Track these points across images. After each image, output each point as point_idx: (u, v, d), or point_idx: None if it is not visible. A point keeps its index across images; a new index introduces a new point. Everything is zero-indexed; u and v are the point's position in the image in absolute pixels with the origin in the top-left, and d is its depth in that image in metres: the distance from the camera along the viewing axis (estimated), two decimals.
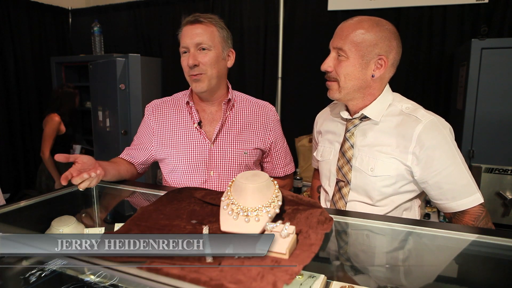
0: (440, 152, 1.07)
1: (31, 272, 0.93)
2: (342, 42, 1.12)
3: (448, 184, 1.08)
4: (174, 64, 3.53)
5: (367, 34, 1.10)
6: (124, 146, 1.54)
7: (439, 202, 1.12)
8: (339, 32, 1.14)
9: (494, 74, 2.05)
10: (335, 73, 1.14)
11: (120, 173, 1.33)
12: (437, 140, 1.07)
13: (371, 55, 1.12)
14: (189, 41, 1.27)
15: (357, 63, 1.12)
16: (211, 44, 1.28)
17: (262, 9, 3.17)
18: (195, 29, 1.28)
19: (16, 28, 3.56)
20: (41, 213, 1.15)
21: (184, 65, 1.30)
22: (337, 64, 1.14)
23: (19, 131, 3.66)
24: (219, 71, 1.33)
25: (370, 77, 1.14)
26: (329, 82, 1.18)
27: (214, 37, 1.29)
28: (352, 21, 1.14)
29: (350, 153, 1.19)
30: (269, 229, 0.76)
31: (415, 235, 0.93)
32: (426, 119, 1.10)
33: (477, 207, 1.08)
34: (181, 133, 1.38)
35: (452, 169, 1.07)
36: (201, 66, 1.28)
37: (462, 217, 1.09)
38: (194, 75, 1.28)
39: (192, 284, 0.61)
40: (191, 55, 1.27)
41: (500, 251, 0.86)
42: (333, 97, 1.19)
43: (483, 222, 1.08)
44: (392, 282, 0.86)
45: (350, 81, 1.13)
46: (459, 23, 2.59)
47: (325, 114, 1.39)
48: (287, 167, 1.55)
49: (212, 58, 1.29)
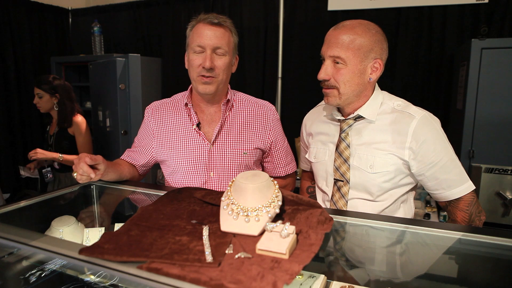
0: (434, 145, 1.13)
1: (31, 272, 0.93)
2: (339, 50, 1.12)
3: (443, 174, 1.14)
4: (174, 64, 3.54)
5: (363, 40, 1.12)
6: (124, 146, 1.55)
7: (435, 192, 1.18)
8: (334, 40, 1.13)
9: (494, 74, 2.06)
10: (334, 80, 1.15)
11: (122, 175, 1.33)
12: (431, 134, 1.13)
13: (368, 60, 1.14)
14: (207, 42, 1.25)
15: (356, 69, 1.13)
16: (227, 49, 1.28)
17: (262, 9, 3.17)
18: (215, 31, 1.26)
19: (16, 28, 3.56)
20: (41, 213, 1.15)
21: (195, 64, 1.27)
22: (335, 72, 1.14)
23: (19, 131, 3.65)
24: (228, 76, 1.34)
25: (368, 80, 1.17)
26: (327, 90, 1.18)
27: (230, 43, 1.30)
28: (343, 28, 1.14)
29: (347, 152, 1.22)
30: (269, 229, 0.76)
31: (415, 235, 0.93)
32: (419, 114, 1.15)
33: (469, 194, 1.15)
34: (180, 135, 1.38)
35: (446, 160, 1.14)
36: (216, 70, 1.27)
37: (457, 204, 1.17)
38: (205, 77, 1.27)
39: (192, 284, 0.61)
40: (209, 57, 1.25)
41: (500, 251, 0.86)
42: (332, 104, 1.20)
43: (475, 207, 1.16)
44: (392, 282, 0.86)
45: (350, 87, 1.15)
46: (459, 23, 2.59)
47: (314, 115, 1.41)
48: (288, 167, 1.54)
49: (226, 63, 1.29)
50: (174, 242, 0.76)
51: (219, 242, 0.76)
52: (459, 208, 1.16)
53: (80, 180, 1.17)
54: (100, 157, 1.19)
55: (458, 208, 1.16)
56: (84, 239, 1.03)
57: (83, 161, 1.14)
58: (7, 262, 0.95)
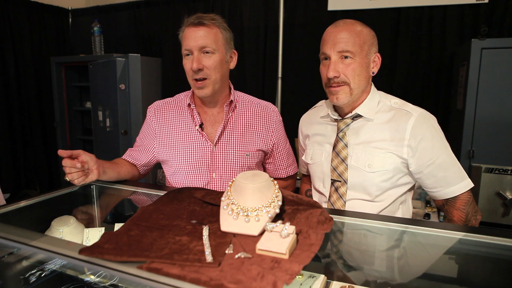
0: (432, 142, 1.13)
1: (31, 272, 0.93)
2: (347, 44, 1.13)
3: (442, 172, 1.14)
4: (174, 64, 3.53)
5: (365, 34, 1.16)
6: (124, 146, 1.55)
7: (433, 190, 1.18)
8: (339, 36, 1.14)
9: (494, 74, 2.05)
10: (344, 76, 1.15)
11: (120, 175, 1.33)
12: (429, 131, 1.14)
13: (371, 54, 1.18)
14: (192, 44, 1.24)
15: (364, 63, 1.16)
16: (215, 47, 1.26)
17: (262, 9, 3.17)
18: (198, 31, 1.24)
19: (16, 28, 3.56)
20: (41, 213, 1.15)
21: (187, 68, 1.27)
22: (344, 67, 1.14)
23: (19, 131, 3.65)
24: (223, 74, 1.32)
25: (371, 74, 1.20)
26: (337, 88, 1.16)
27: (218, 40, 1.27)
28: (345, 25, 1.16)
29: (344, 152, 1.21)
30: (269, 229, 0.76)
31: (415, 235, 0.93)
32: (416, 112, 1.16)
33: (466, 193, 1.15)
34: (183, 136, 1.38)
35: (444, 157, 1.14)
36: (206, 70, 1.25)
37: (454, 203, 1.17)
38: (198, 81, 1.26)
39: (192, 284, 0.61)
40: (195, 58, 1.24)
41: (500, 251, 0.86)
42: (341, 103, 1.18)
43: (472, 206, 1.16)
44: (392, 282, 0.86)
45: (360, 81, 1.16)
46: (459, 23, 2.59)
47: (310, 117, 1.41)
48: (290, 168, 1.54)
49: (216, 61, 1.26)
50: (174, 242, 0.76)
51: (219, 242, 0.76)
52: (456, 207, 1.16)
53: (73, 178, 1.14)
54: (79, 151, 1.16)
55: (455, 207, 1.16)
56: (84, 239, 1.03)
57: (64, 160, 1.12)
58: (7, 262, 0.95)
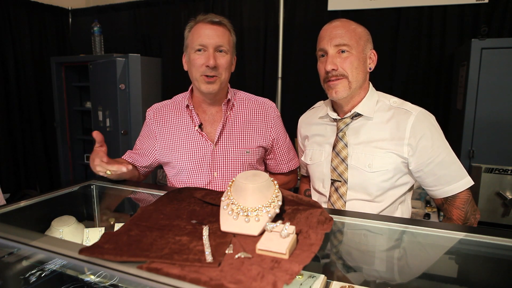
0: (432, 141, 1.14)
1: (31, 272, 0.93)
2: (344, 38, 1.15)
3: (442, 170, 1.14)
4: (174, 64, 3.53)
5: (361, 30, 1.19)
6: (124, 146, 1.55)
7: (433, 188, 1.18)
8: (335, 31, 1.17)
9: (494, 74, 2.05)
10: (342, 69, 1.16)
11: (121, 174, 1.33)
12: (429, 129, 1.14)
13: (366, 50, 1.20)
14: (208, 41, 1.26)
15: (361, 57, 1.18)
16: (228, 48, 1.30)
17: (262, 9, 3.17)
18: (216, 30, 1.27)
19: (16, 28, 3.56)
20: (41, 213, 1.15)
21: (198, 63, 1.27)
22: (342, 61, 1.16)
23: (19, 131, 3.65)
24: (229, 75, 1.35)
25: (368, 70, 1.23)
26: (335, 81, 1.17)
27: (230, 42, 1.32)
28: (340, 22, 1.20)
29: (344, 152, 1.22)
30: (269, 229, 0.76)
31: (415, 235, 0.93)
32: (416, 110, 1.17)
33: (466, 192, 1.16)
34: (183, 137, 1.38)
35: (444, 155, 1.14)
36: (219, 69, 1.28)
37: (453, 202, 1.17)
38: (209, 77, 1.27)
39: (192, 284, 0.61)
40: (212, 55, 1.25)
41: (500, 251, 0.86)
42: (340, 96, 1.18)
43: (471, 205, 1.17)
44: (392, 281, 0.86)
45: (357, 74, 1.18)
46: (459, 23, 2.59)
47: (308, 118, 1.41)
48: (291, 163, 1.54)
49: (228, 61, 1.31)
50: (174, 242, 0.76)
51: (219, 242, 0.76)
52: (455, 206, 1.17)
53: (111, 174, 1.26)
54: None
55: (454, 206, 1.17)
56: (84, 239, 1.03)
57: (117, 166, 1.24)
58: (7, 262, 0.95)
